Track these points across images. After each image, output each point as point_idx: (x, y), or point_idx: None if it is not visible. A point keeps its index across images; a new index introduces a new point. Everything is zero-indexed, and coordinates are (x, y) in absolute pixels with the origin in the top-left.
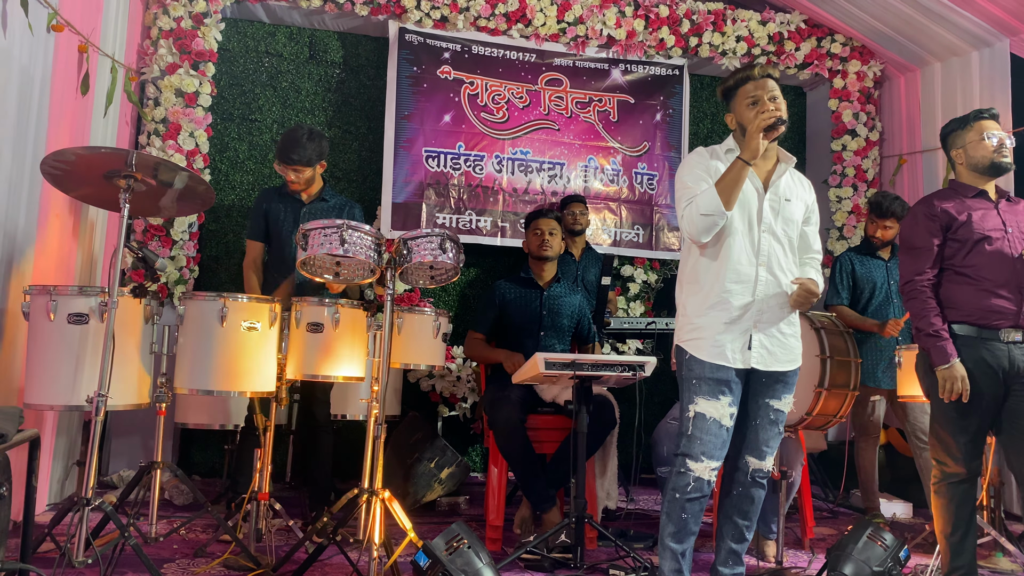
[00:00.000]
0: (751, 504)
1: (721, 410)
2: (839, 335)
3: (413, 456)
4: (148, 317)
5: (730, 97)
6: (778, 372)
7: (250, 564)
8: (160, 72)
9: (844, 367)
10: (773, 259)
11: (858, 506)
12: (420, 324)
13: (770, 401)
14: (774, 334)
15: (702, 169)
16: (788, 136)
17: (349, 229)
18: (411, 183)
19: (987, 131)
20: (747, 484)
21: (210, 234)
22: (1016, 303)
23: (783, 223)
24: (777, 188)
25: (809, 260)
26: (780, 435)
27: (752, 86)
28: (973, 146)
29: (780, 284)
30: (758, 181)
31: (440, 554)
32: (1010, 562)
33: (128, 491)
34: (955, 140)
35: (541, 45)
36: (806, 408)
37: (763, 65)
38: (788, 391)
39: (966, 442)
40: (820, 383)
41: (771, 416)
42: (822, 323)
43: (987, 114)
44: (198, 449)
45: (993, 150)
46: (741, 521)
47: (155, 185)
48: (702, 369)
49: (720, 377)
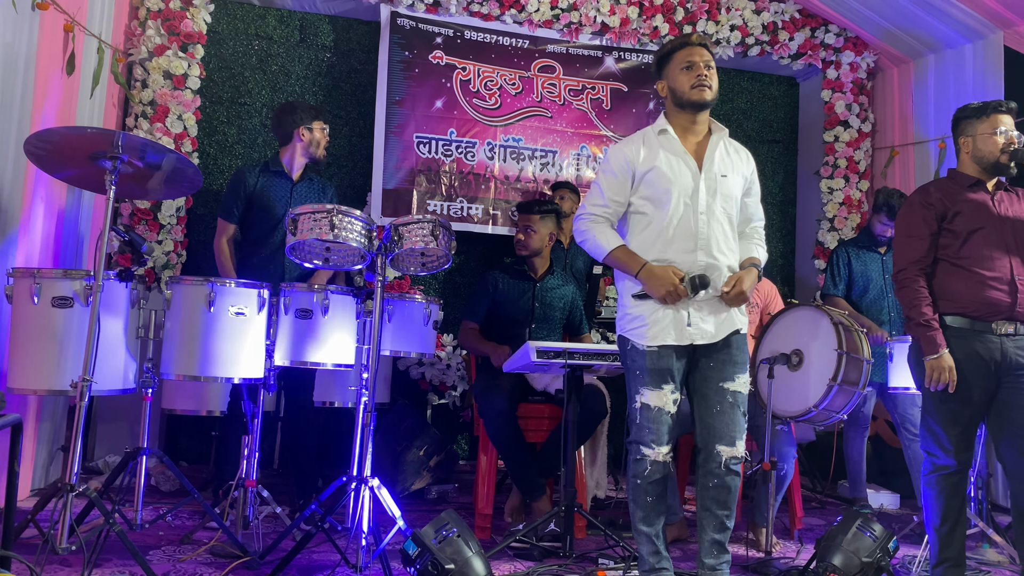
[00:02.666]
0: (728, 494)
1: (665, 399)
2: (854, 333)
3: (402, 444)
4: (134, 301)
5: (664, 63)
6: (723, 349)
7: (237, 551)
8: (148, 53)
9: (856, 365)
10: (712, 241)
11: (846, 496)
12: (411, 312)
13: (724, 384)
14: (715, 311)
15: (624, 175)
16: (780, 127)
17: (339, 214)
18: (402, 169)
19: (1001, 126)
20: (722, 474)
21: (198, 218)
22: (1010, 295)
23: (722, 201)
24: (711, 165)
25: (751, 232)
26: (745, 417)
27: (688, 51)
28: (983, 138)
29: (720, 265)
30: (692, 161)
31: (429, 542)
32: (996, 553)
33: (113, 477)
34: (967, 127)
35: (534, 31)
36: (815, 401)
37: (700, 34)
38: (741, 371)
39: (957, 434)
40: (835, 377)
41: (730, 399)
42: (839, 319)
43: (1005, 107)
44: (185, 435)
45: (1000, 148)
46: (720, 511)
47: (142, 167)
48: (644, 359)
49: (661, 366)
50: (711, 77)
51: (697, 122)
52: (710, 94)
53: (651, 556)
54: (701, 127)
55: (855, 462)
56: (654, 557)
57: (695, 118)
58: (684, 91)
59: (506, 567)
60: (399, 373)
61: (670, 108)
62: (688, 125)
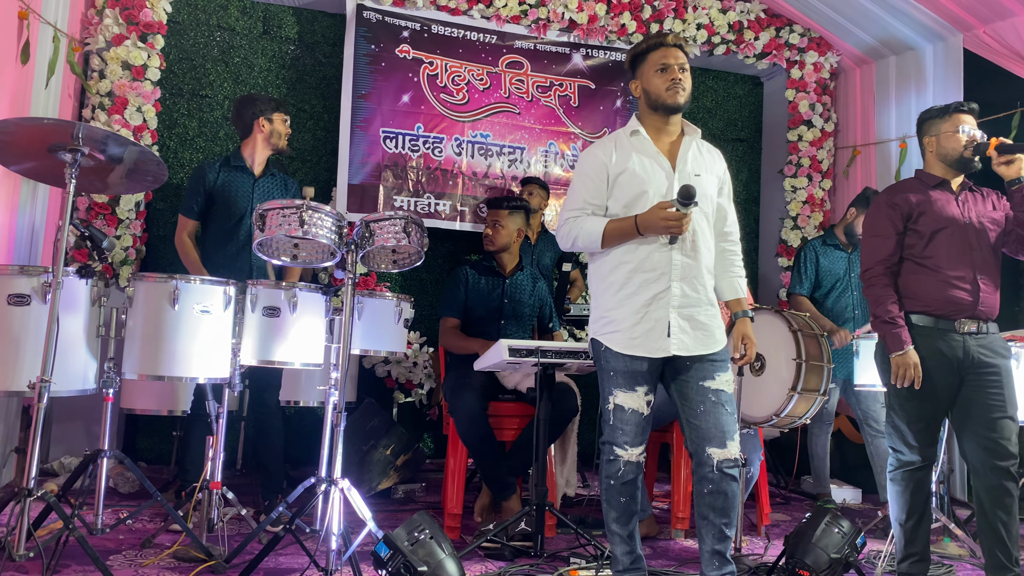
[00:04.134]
0: (725, 500)
1: (638, 401)
2: (814, 339)
3: (369, 443)
4: (94, 299)
5: (639, 63)
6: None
7: (201, 555)
8: (105, 43)
9: (817, 372)
10: (688, 241)
11: (810, 492)
12: (381, 309)
13: (705, 383)
14: (693, 316)
15: (599, 177)
16: (745, 126)
17: (309, 210)
18: (368, 164)
19: (962, 124)
20: (717, 479)
21: (158, 213)
22: (973, 294)
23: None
24: (685, 165)
25: (729, 252)
26: (734, 416)
27: (663, 52)
28: (947, 137)
29: (699, 265)
30: (665, 161)
31: (402, 544)
32: (957, 547)
33: (72, 480)
34: (930, 128)
35: (502, 27)
36: (775, 409)
37: (676, 34)
38: (721, 370)
39: (921, 430)
40: (794, 387)
41: (713, 398)
42: (799, 325)
43: (967, 108)
44: (144, 435)
45: (963, 145)
46: (719, 520)
47: (104, 160)
48: (617, 361)
49: (635, 369)
50: (685, 80)
51: (670, 123)
52: (684, 97)
53: (625, 556)
54: (674, 128)
55: (819, 458)
56: (628, 557)
57: (668, 119)
58: (658, 93)
59: (477, 568)
60: (365, 371)
61: (643, 109)
62: (661, 126)
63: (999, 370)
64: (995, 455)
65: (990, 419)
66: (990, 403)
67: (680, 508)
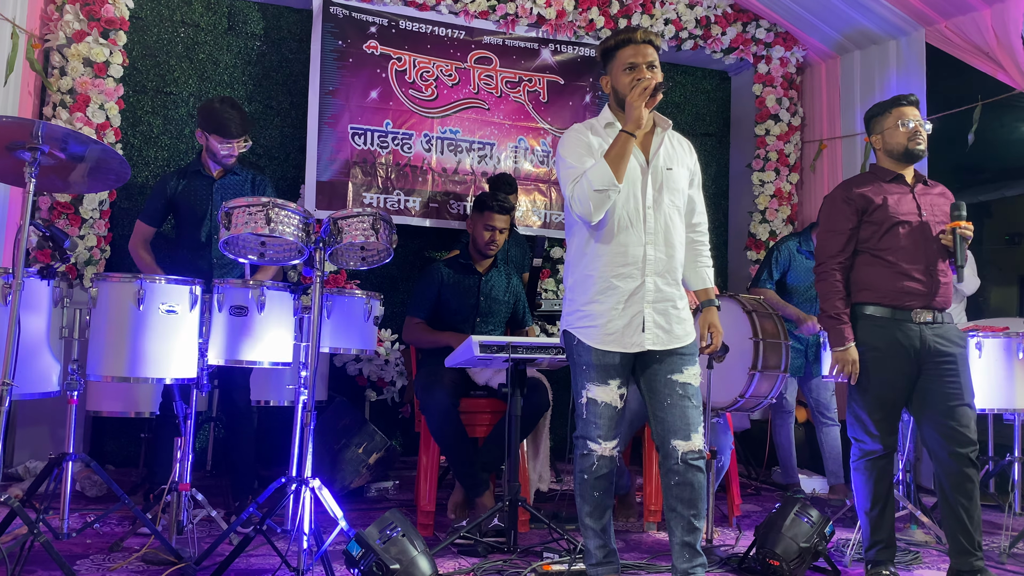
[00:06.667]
0: (692, 491)
1: (612, 394)
2: (769, 317)
3: (340, 442)
4: (57, 300)
5: (608, 59)
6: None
7: (171, 558)
8: (66, 40)
9: (775, 349)
10: (661, 235)
11: (780, 483)
12: (350, 307)
13: (673, 376)
14: (667, 311)
15: (583, 148)
16: (713, 120)
17: (275, 207)
18: (336, 161)
19: (904, 118)
20: (682, 471)
21: (122, 212)
22: (928, 285)
23: (669, 194)
24: (658, 159)
25: (698, 241)
26: (699, 409)
27: (632, 50)
28: (890, 132)
29: (672, 259)
30: (640, 154)
31: (373, 543)
32: (924, 534)
33: (37, 484)
34: (875, 125)
35: (470, 22)
36: (740, 391)
37: (645, 30)
38: (689, 363)
39: (880, 419)
40: (753, 365)
41: (680, 391)
42: (753, 306)
43: (906, 101)
44: (110, 438)
45: (908, 137)
46: (687, 511)
47: (65, 159)
48: (590, 355)
49: (608, 362)
50: (654, 78)
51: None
52: (659, 96)
53: (598, 549)
54: (647, 122)
55: (784, 448)
56: (601, 550)
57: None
58: (625, 93)
59: (451, 564)
60: (336, 369)
61: (613, 106)
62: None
63: (955, 359)
64: (955, 442)
65: (948, 407)
66: (948, 391)
67: (652, 501)
